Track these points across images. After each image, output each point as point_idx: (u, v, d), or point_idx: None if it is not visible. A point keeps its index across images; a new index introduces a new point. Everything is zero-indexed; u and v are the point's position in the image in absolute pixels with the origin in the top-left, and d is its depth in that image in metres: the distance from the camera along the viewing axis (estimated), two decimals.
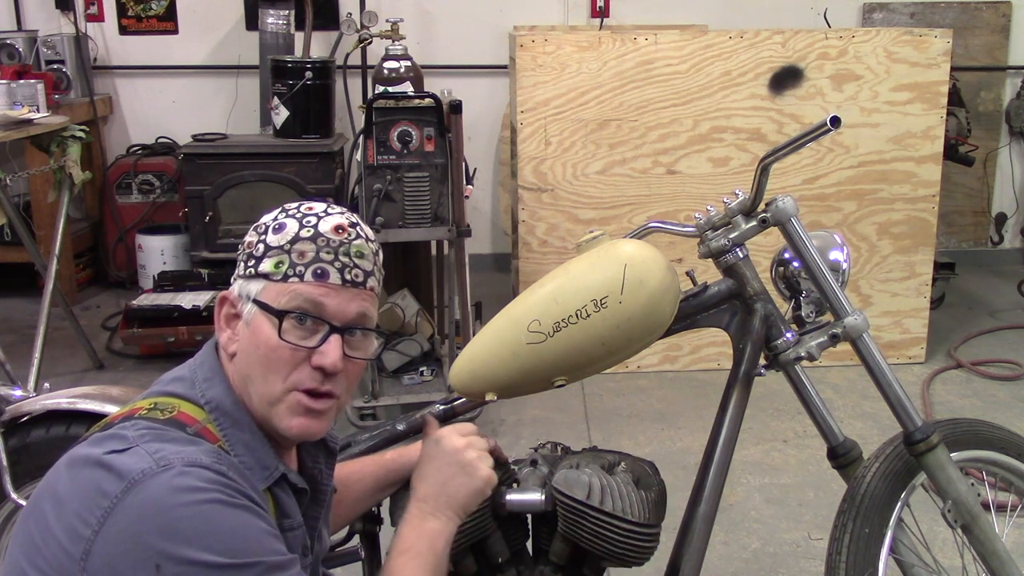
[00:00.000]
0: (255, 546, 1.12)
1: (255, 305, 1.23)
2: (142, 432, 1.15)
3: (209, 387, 1.24)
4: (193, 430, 1.19)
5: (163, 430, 1.17)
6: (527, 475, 1.60)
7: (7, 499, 1.92)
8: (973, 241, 5.56)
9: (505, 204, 5.20)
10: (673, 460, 3.16)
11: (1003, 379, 3.88)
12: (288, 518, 1.27)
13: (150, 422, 1.18)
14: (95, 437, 1.18)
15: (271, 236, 1.24)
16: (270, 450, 1.26)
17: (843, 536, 1.65)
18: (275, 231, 1.24)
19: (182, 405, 1.22)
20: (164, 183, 5.04)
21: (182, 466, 1.10)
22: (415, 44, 4.86)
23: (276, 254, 1.23)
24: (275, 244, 1.23)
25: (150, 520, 1.07)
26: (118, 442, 1.14)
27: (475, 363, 1.62)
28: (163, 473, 1.09)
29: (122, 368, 4.09)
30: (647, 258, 1.59)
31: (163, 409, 1.21)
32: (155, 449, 1.12)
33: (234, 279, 1.28)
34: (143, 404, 1.22)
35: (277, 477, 1.25)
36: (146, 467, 1.09)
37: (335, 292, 1.23)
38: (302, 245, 1.23)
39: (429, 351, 3.77)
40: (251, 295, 1.24)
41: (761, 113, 3.84)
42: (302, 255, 1.22)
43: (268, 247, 1.24)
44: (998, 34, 5.34)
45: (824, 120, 1.52)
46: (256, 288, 1.23)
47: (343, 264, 1.24)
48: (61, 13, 5.15)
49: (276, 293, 1.22)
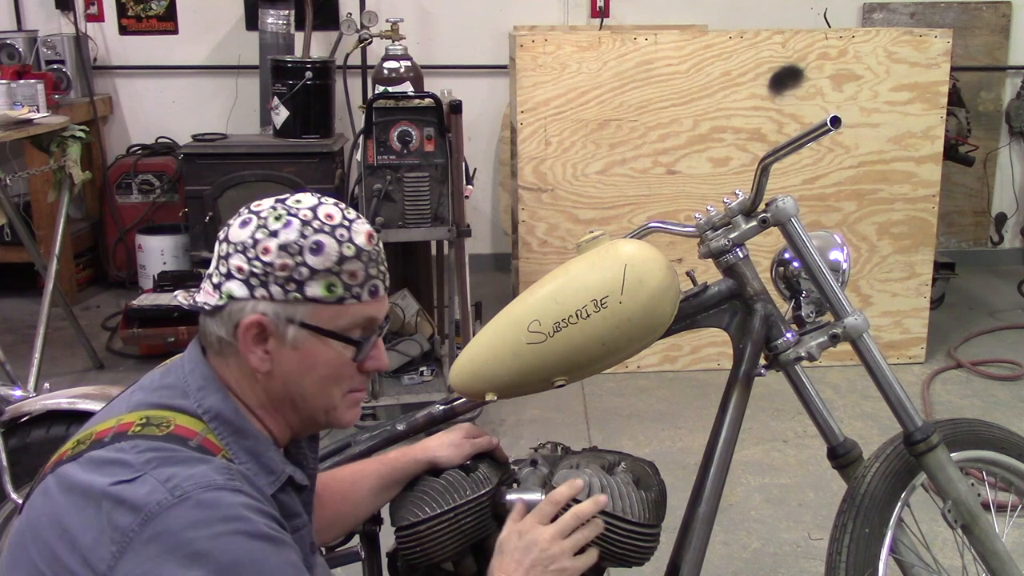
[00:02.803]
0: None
1: (305, 329, 1.20)
2: (147, 457, 1.11)
3: (205, 396, 1.21)
4: (195, 443, 1.15)
5: (167, 450, 1.12)
6: (527, 475, 1.59)
7: (7, 499, 1.92)
8: (973, 241, 5.56)
9: (505, 204, 5.20)
10: (673, 460, 3.16)
11: (1003, 379, 3.88)
12: (297, 517, 1.26)
13: (149, 441, 1.13)
14: (90, 458, 1.13)
15: (312, 258, 1.18)
16: (277, 453, 1.24)
17: (843, 536, 1.65)
18: (313, 252, 1.18)
19: (177, 418, 1.18)
20: (164, 183, 5.04)
21: (198, 494, 1.08)
22: (415, 44, 4.86)
23: (325, 276, 1.19)
24: (321, 267, 1.19)
25: (171, 556, 1.04)
26: (122, 469, 1.10)
27: (475, 363, 1.62)
28: (180, 505, 1.06)
29: (122, 368, 4.08)
30: (647, 258, 1.59)
31: (158, 424, 1.16)
32: (166, 477, 1.08)
33: (259, 300, 1.19)
34: (133, 418, 1.17)
35: (284, 480, 1.23)
36: (161, 499, 1.06)
37: (380, 301, 1.26)
38: (351, 265, 1.20)
39: (429, 351, 3.77)
40: (296, 319, 1.20)
41: (761, 113, 3.84)
42: (353, 275, 1.21)
43: (313, 270, 1.18)
44: (998, 34, 5.34)
45: (824, 120, 1.52)
46: (303, 311, 1.20)
47: (383, 273, 1.26)
48: (61, 13, 5.15)
49: (331, 315, 1.21)
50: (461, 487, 1.55)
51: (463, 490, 1.54)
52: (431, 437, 1.65)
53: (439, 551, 1.51)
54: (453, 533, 1.51)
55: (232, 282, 1.20)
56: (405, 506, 1.56)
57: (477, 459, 1.62)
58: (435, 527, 1.51)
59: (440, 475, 1.59)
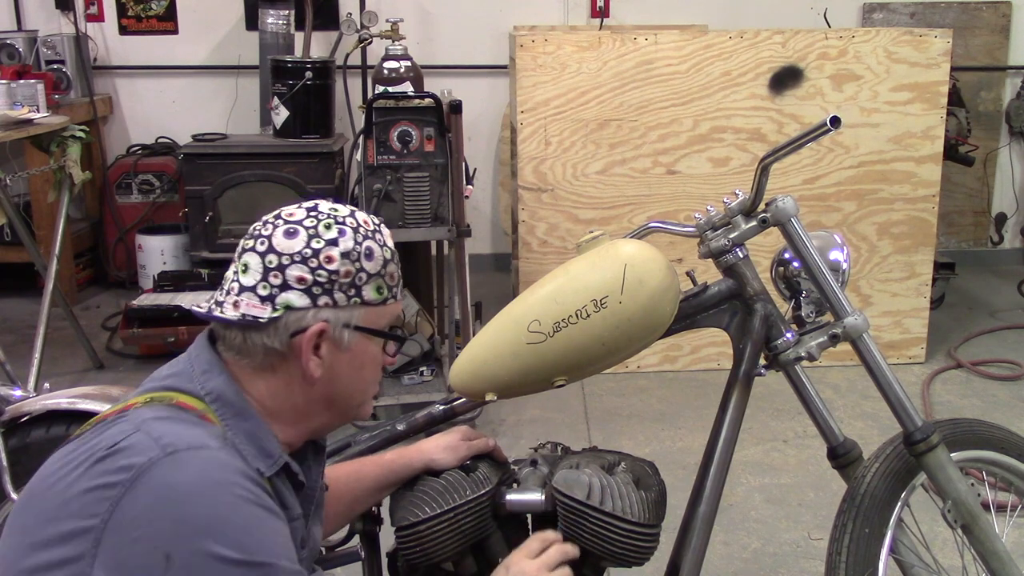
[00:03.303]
0: (269, 546, 1.11)
1: (356, 331, 1.27)
2: (144, 417, 1.15)
3: (208, 379, 1.23)
4: (194, 415, 1.18)
5: (165, 413, 1.16)
6: (527, 475, 1.60)
7: (7, 499, 1.92)
8: (973, 241, 5.56)
9: (505, 204, 5.20)
10: (673, 460, 3.16)
11: (1003, 379, 3.88)
12: (288, 509, 1.26)
13: (149, 408, 1.17)
14: (92, 431, 1.17)
15: (367, 263, 1.26)
16: (275, 440, 1.25)
17: (843, 536, 1.65)
18: (367, 257, 1.26)
19: (179, 396, 1.21)
20: (164, 183, 5.04)
21: (190, 452, 1.10)
22: (415, 44, 4.86)
23: (376, 280, 1.28)
24: (373, 271, 1.27)
25: (161, 509, 1.06)
26: (118, 431, 1.13)
27: (475, 363, 1.62)
28: (170, 459, 1.08)
29: (122, 368, 4.09)
30: (647, 258, 1.59)
31: (161, 401, 1.20)
32: (159, 434, 1.11)
33: (322, 308, 1.23)
34: (138, 400, 1.21)
35: (281, 464, 1.25)
36: (153, 455, 1.09)
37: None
38: (391, 267, 1.30)
39: (429, 351, 3.77)
40: (351, 322, 1.26)
41: (761, 113, 3.84)
42: (392, 276, 1.31)
43: (368, 275, 1.26)
44: (998, 34, 5.34)
45: (824, 120, 1.52)
46: (358, 315, 1.27)
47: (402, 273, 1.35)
48: (61, 13, 5.15)
49: (377, 316, 1.29)
50: (461, 487, 1.55)
51: (463, 490, 1.54)
52: (428, 439, 1.65)
53: (439, 551, 1.52)
54: (453, 533, 1.52)
55: (291, 293, 1.22)
56: (405, 506, 1.56)
57: (477, 459, 1.62)
58: (435, 527, 1.51)
59: (440, 475, 1.59)
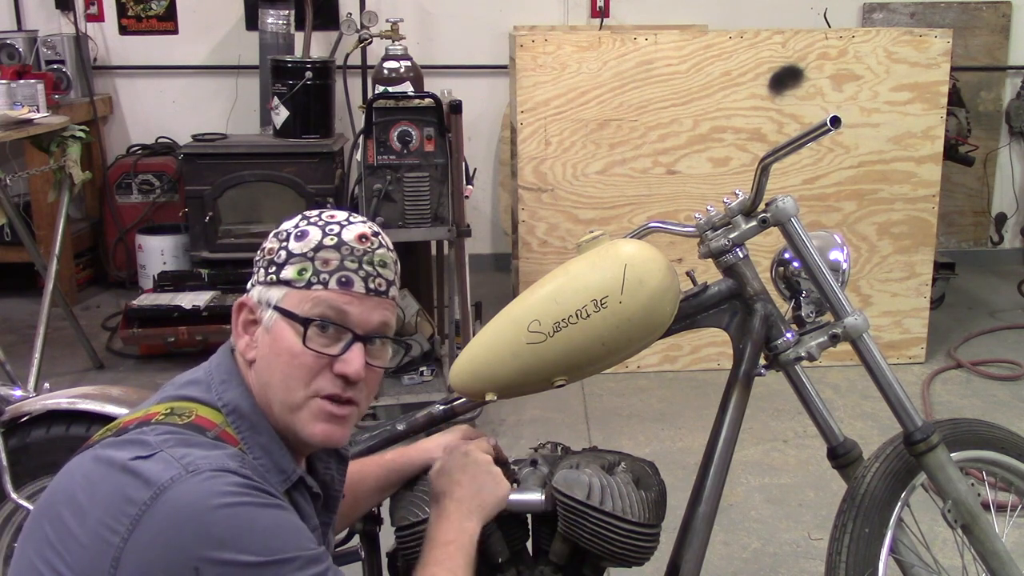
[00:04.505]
0: (291, 542, 1.12)
1: (276, 312, 1.23)
2: (164, 437, 1.14)
3: (226, 390, 1.24)
4: (213, 434, 1.18)
5: (185, 434, 1.16)
6: (527, 475, 1.60)
7: (7, 499, 1.92)
8: (973, 241, 5.56)
9: (505, 204, 5.20)
10: (673, 460, 3.16)
11: (1003, 379, 3.88)
12: (306, 520, 1.27)
13: (170, 427, 1.17)
14: (111, 441, 1.17)
15: (293, 243, 1.24)
16: (288, 454, 1.26)
17: (843, 536, 1.65)
18: (297, 238, 1.24)
19: (199, 409, 1.21)
20: (164, 183, 5.04)
21: (210, 472, 1.10)
22: (415, 44, 4.86)
23: (299, 261, 1.23)
24: (298, 251, 1.24)
25: (184, 526, 1.07)
26: (140, 448, 1.13)
27: (475, 363, 1.62)
28: (191, 478, 1.09)
29: (122, 368, 4.08)
30: (647, 258, 1.59)
31: (180, 414, 1.20)
32: (181, 454, 1.11)
33: (252, 285, 1.28)
34: (159, 409, 1.21)
35: (295, 480, 1.25)
36: (174, 473, 1.09)
37: (359, 300, 1.24)
38: (326, 253, 1.23)
39: (429, 351, 3.77)
40: (272, 302, 1.24)
41: (761, 113, 3.84)
42: (326, 263, 1.23)
43: (291, 254, 1.24)
44: (998, 34, 5.34)
45: (824, 120, 1.52)
46: (277, 295, 1.24)
47: (367, 273, 1.25)
48: (61, 13, 5.15)
49: (299, 300, 1.23)
50: None
51: None
52: (428, 439, 1.65)
53: None
54: None
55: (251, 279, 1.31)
56: (405, 506, 1.56)
57: None
58: None
59: None
